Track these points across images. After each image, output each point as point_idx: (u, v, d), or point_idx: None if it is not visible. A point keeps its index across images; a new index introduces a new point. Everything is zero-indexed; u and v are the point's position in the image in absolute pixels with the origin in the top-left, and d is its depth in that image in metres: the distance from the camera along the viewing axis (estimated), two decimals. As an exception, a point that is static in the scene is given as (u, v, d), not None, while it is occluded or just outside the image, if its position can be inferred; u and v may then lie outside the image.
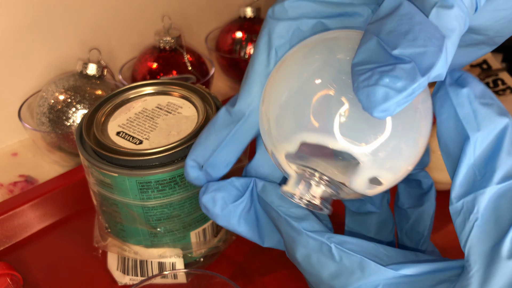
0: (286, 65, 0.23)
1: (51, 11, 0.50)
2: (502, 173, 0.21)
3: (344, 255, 0.22)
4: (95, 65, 0.47)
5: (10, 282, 0.33)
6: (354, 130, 0.20)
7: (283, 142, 0.22)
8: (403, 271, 0.22)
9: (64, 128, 0.45)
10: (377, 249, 0.23)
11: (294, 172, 0.23)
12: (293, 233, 0.24)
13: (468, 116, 0.22)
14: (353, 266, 0.22)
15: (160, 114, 0.33)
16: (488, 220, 0.21)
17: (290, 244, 0.25)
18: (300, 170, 0.23)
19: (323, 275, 0.23)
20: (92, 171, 0.31)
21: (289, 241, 0.24)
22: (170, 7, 0.61)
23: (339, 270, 0.23)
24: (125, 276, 0.34)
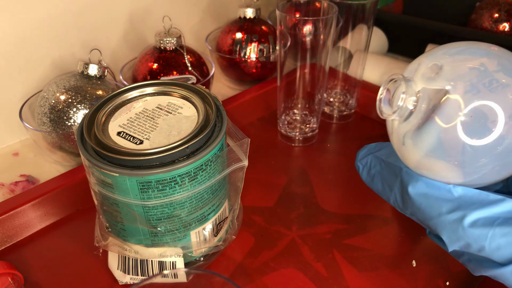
0: None
1: (52, 12, 0.50)
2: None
3: (463, 191, 0.27)
4: (96, 66, 0.47)
5: (11, 282, 0.33)
6: None
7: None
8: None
9: (65, 128, 0.45)
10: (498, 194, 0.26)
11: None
12: (413, 177, 0.29)
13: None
14: (472, 199, 0.26)
15: (160, 114, 0.33)
16: None
17: (407, 187, 0.30)
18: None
19: (441, 211, 0.27)
20: (92, 171, 0.31)
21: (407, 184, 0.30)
22: (171, 7, 0.61)
23: (458, 204, 0.27)
24: (126, 275, 0.34)
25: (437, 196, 0.28)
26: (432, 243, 0.39)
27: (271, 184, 0.45)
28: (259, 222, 0.41)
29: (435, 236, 0.32)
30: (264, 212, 0.42)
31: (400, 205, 0.31)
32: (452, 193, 0.27)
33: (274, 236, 0.39)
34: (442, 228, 0.27)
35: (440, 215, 0.27)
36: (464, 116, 0.24)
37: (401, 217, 0.42)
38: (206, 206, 0.33)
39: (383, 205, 0.43)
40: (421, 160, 0.27)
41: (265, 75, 0.62)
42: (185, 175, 0.30)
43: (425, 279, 0.36)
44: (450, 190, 0.27)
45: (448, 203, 0.27)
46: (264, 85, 0.58)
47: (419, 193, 0.28)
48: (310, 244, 0.38)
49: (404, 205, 0.30)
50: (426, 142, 0.26)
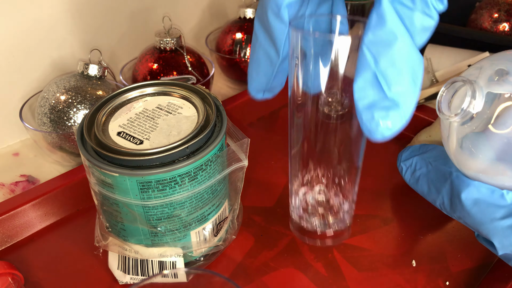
0: None
1: (52, 12, 0.50)
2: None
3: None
4: (96, 66, 0.47)
5: (11, 282, 0.33)
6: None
7: None
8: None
9: (65, 128, 0.45)
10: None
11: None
12: (464, 182, 0.30)
13: None
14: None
15: (160, 115, 0.33)
16: None
17: (458, 192, 0.30)
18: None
19: (493, 217, 0.28)
20: (93, 171, 0.31)
21: (458, 189, 0.30)
22: (171, 8, 0.61)
23: (510, 210, 0.27)
24: (126, 275, 0.35)
25: (490, 202, 0.28)
26: (432, 243, 0.39)
27: (271, 184, 0.45)
28: (259, 222, 0.41)
29: (484, 240, 0.32)
30: (264, 212, 0.42)
31: (447, 208, 0.31)
32: (505, 199, 0.27)
33: (274, 236, 0.39)
34: (493, 233, 0.28)
35: (492, 220, 0.28)
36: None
37: (401, 217, 0.42)
38: (206, 206, 0.33)
39: (383, 205, 0.43)
40: (483, 165, 0.27)
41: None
42: (185, 175, 0.30)
43: (425, 279, 0.36)
44: (503, 195, 0.28)
45: (501, 209, 0.27)
46: (264, 85, 0.58)
47: (472, 198, 0.29)
48: (310, 244, 0.38)
49: (452, 209, 0.31)
50: (492, 147, 0.26)
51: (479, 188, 0.29)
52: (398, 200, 0.44)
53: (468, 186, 0.29)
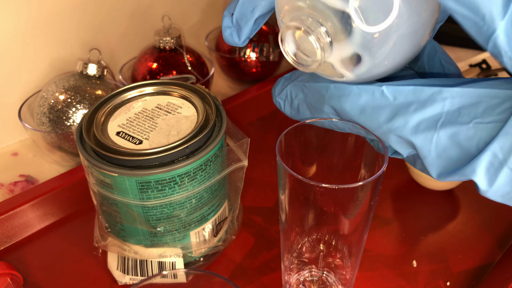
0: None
1: (51, 11, 0.50)
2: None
3: (397, 92, 0.23)
4: (95, 65, 0.47)
5: (10, 282, 0.33)
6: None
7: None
8: (462, 87, 0.21)
9: (64, 128, 0.45)
10: (429, 80, 0.23)
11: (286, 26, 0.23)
12: (343, 92, 0.25)
13: None
14: (407, 98, 0.22)
15: (160, 114, 0.33)
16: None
17: (341, 105, 0.25)
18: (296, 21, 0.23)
19: (380, 121, 0.24)
20: (92, 171, 0.31)
21: (340, 102, 0.25)
22: (170, 7, 0.61)
23: (395, 109, 0.23)
24: (125, 275, 0.34)
25: (374, 105, 0.24)
26: (432, 244, 0.39)
27: (271, 184, 0.45)
28: (259, 222, 0.41)
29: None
30: (264, 212, 0.42)
31: (339, 125, 0.28)
32: (386, 96, 0.23)
33: (274, 236, 0.39)
34: (386, 138, 0.24)
35: (380, 125, 0.24)
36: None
37: (402, 217, 0.41)
38: (205, 206, 0.33)
39: (383, 205, 0.43)
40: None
41: (265, 75, 0.62)
42: (185, 175, 0.30)
43: (425, 280, 0.35)
44: (383, 93, 0.23)
45: (386, 110, 0.24)
46: (264, 84, 0.57)
47: (356, 107, 0.25)
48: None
49: (344, 124, 0.27)
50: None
51: (360, 94, 0.25)
52: (399, 200, 0.43)
53: (349, 95, 0.25)
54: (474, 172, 0.21)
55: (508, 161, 0.20)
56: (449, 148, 0.22)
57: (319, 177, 0.32)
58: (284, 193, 0.27)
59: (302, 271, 0.33)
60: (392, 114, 0.23)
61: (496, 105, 0.21)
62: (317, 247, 0.32)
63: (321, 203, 0.27)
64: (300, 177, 0.25)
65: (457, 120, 0.22)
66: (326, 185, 0.25)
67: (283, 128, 0.28)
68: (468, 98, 0.21)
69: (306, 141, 0.30)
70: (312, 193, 0.26)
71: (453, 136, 0.22)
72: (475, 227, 0.40)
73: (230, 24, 0.27)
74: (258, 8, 0.26)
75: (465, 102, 0.21)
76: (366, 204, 0.27)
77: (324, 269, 0.33)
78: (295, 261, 0.33)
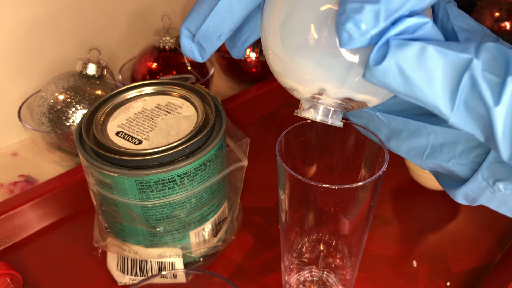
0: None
1: (51, 11, 0.50)
2: None
3: (390, 118, 0.25)
4: (94, 65, 0.47)
5: (10, 282, 0.33)
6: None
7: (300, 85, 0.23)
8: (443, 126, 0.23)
9: (64, 128, 0.45)
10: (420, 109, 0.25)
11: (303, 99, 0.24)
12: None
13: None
14: (399, 125, 0.25)
15: (159, 114, 0.33)
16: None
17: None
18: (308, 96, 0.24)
19: (382, 138, 0.26)
20: (91, 171, 0.31)
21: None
22: (170, 7, 0.61)
23: (391, 131, 0.26)
24: (125, 275, 0.34)
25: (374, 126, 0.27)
26: (432, 244, 0.39)
27: (271, 184, 0.45)
28: (259, 222, 0.41)
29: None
30: (264, 212, 0.42)
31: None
32: (383, 120, 0.26)
33: (274, 237, 0.39)
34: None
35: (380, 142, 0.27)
36: None
37: (402, 217, 0.41)
38: (205, 207, 0.33)
39: (384, 205, 0.43)
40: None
41: (265, 75, 0.62)
42: (184, 175, 0.30)
43: (425, 280, 0.35)
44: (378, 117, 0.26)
45: (384, 130, 0.26)
46: (264, 84, 0.57)
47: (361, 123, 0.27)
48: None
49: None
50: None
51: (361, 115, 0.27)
52: (399, 200, 0.43)
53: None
54: (455, 198, 0.25)
55: (479, 199, 0.23)
56: (435, 175, 0.26)
57: (319, 177, 0.32)
58: (284, 193, 0.27)
59: (302, 271, 0.33)
60: (389, 135, 0.26)
61: (472, 148, 0.23)
62: (317, 247, 0.32)
63: (321, 203, 0.27)
64: (300, 177, 0.25)
65: (439, 156, 0.24)
66: (326, 185, 0.25)
67: (283, 128, 0.28)
68: (448, 136, 0.24)
69: (306, 141, 0.30)
70: (312, 193, 0.26)
71: (436, 168, 0.25)
72: (475, 227, 0.40)
73: (191, 43, 0.25)
74: (225, 34, 0.25)
75: (446, 140, 0.24)
76: (366, 204, 0.27)
77: (324, 269, 0.33)
78: (295, 261, 0.33)
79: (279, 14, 0.22)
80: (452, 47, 0.17)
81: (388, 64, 0.18)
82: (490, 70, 0.17)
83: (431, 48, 0.17)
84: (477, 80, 0.17)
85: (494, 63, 0.17)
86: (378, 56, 0.18)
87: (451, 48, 0.17)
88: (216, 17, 0.24)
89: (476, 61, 0.17)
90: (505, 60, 0.17)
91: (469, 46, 0.17)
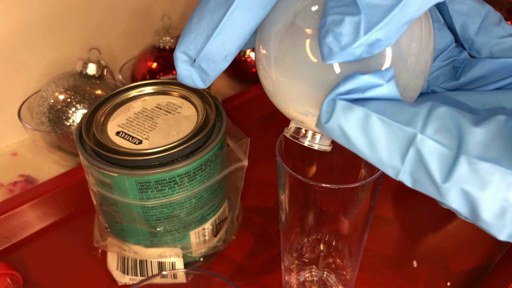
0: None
1: (51, 11, 0.50)
2: None
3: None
4: (95, 65, 0.47)
5: (10, 282, 0.33)
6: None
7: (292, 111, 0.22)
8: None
9: (64, 128, 0.45)
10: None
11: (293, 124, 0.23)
12: None
13: None
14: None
15: (159, 114, 0.33)
16: None
17: None
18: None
19: None
20: (91, 171, 0.31)
21: None
22: (170, 6, 0.61)
23: None
24: (125, 275, 0.34)
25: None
26: (432, 244, 0.39)
27: (271, 184, 0.45)
28: (259, 222, 0.41)
29: None
30: (264, 212, 0.42)
31: None
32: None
33: (274, 237, 0.39)
34: None
35: None
36: None
37: (402, 217, 0.41)
38: (205, 206, 0.33)
39: (384, 205, 0.43)
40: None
41: (265, 75, 0.62)
42: (185, 175, 0.30)
43: (426, 280, 0.35)
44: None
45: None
46: (264, 84, 0.57)
47: None
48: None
49: None
50: None
51: None
52: (399, 200, 0.43)
53: None
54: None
55: None
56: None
57: (319, 177, 0.32)
58: (284, 193, 0.27)
59: (302, 272, 0.33)
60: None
61: None
62: (317, 247, 0.31)
63: (321, 203, 0.27)
64: (300, 177, 0.25)
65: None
66: (326, 185, 0.24)
67: (283, 128, 0.28)
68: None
69: (306, 141, 0.30)
70: (312, 193, 0.26)
71: None
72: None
73: (190, 68, 0.22)
74: (232, 53, 0.22)
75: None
76: (366, 204, 0.27)
77: (324, 269, 0.33)
78: (295, 261, 0.33)
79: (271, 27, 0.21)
80: (398, 116, 0.16)
81: (332, 126, 0.17)
82: (441, 142, 0.16)
83: (375, 117, 0.16)
84: (423, 156, 0.16)
85: (445, 134, 0.16)
86: (327, 111, 0.17)
87: (396, 118, 0.16)
88: (221, 36, 0.21)
89: (421, 137, 0.16)
90: (457, 130, 0.16)
91: (418, 113, 0.16)
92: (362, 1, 0.16)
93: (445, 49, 0.24)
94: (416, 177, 0.16)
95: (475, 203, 0.15)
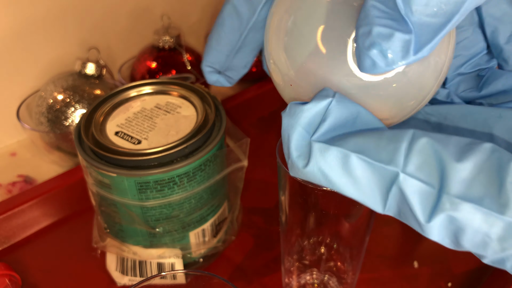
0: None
1: (50, 10, 0.50)
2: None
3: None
4: (94, 65, 0.47)
5: (9, 283, 0.33)
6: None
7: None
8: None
9: (63, 128, 0.45)
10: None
11: None
12: None
13: None
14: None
15: (159, 114, 0.33)
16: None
17: None
18: None
19: None
20: (90, 171, 0.31)
21: None
22: (170, 6, 0.61)
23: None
24: (124, 276, 0.34)
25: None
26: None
27: (271, 185, 0.45)
28: (259, 223, 0.41)
29: None
30: (264, 213, 0.42)
31: None
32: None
33: (274, 237, 0.39)
34: None
35: None
36: None
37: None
38: (205, 207, 0.33)
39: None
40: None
41: (265, 75, 0.62)
42: (184, 175, 0.30)
43: (427, 280, 0.35)
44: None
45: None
46: (264, 84, 0.57)
47: None
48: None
49: None
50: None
51: None
52: (399, 200, 0.43)
53: None
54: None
55: None
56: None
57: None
58: (284, 194, 0.27)
59: (303, 274, 0.33)
60: None
61: None
62: (318, 249, 0.31)
63: (321, 206, 0.27)
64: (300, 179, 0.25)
65: None
66: (326, 188, 0.24)
67: (284, 128, 0.28)
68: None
69: (306, 141, 0.30)
70: (312, 195, 0.26)
71: None
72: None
73: (218, 75, 0.27)
74: (250, 61, 0.26)
75: None
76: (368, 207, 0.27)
77: (325, 272, 0.33)
78: (295, 263, 0.32)
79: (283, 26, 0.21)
80: (378, 154, 0.16)
81: (312, 169, 0.17)
82: (422, 179, 0.15)
83: (354, 157, 0.16)
84: (406, 195, 0.15)
85: (426, 170, 0.15)
86: (303, 157, 0.17)
87: (377, 156, 0.16)
88: (239, 54, 0.25)
89: (403, 176, 0.15)
90: (439, 165, 0.15)
91: (398, 148, 0.16)
92: (412, 19, 0.15)
93: (474, 56, 0.23)
94: (400, 214, 0.16)
95: (457, 239, 0.15)
